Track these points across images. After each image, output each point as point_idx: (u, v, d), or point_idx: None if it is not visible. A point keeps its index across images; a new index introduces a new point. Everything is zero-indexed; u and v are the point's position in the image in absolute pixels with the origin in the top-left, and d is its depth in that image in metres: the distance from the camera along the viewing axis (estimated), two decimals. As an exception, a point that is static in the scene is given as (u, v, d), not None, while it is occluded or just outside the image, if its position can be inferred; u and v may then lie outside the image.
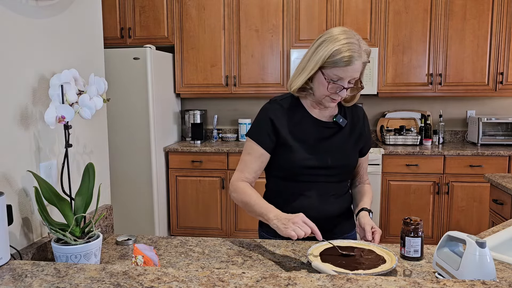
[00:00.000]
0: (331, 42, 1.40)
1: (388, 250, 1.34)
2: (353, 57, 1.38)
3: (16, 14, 1.22)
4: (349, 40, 1.39)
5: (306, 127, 1.54)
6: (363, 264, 1.26)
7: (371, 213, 1.54)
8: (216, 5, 3.98)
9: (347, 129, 1.57)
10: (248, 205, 1.46)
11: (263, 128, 1.53)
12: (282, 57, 3.98)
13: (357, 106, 1.63)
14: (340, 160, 1.54)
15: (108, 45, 3.71)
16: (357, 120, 1.60)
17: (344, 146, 1.55)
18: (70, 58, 1.45)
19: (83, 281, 0.95)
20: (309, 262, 1.27)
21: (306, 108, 1.56)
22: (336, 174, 1.55)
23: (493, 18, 3.73)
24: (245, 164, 1.53)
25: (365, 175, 1.70)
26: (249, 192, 1.47)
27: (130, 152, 3.72)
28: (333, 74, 1.41)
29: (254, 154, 1.52)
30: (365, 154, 1.66)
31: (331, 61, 1.39)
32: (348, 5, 3.84)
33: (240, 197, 1.48)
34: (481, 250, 1.06)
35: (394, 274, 1.25)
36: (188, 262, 1.35)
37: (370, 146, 1.67)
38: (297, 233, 1.27)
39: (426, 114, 4.07)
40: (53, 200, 1.21)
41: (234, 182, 1.52)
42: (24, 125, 1.24)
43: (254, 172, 1.53)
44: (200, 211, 3.93)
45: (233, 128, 4.47)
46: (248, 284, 0.92)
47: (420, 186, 3.68)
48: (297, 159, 1.50)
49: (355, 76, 1.42)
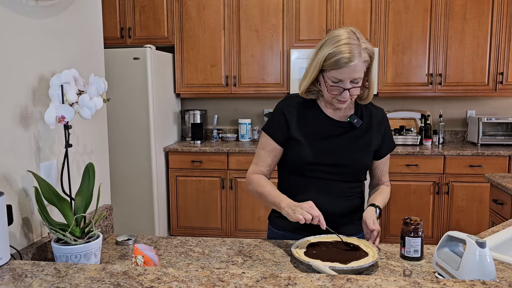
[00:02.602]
0: (327, 45, 1.41)
1: (373, 246, 1.37)
2: (348, 58, 1.37)
3: (16, 14, 1.22)
4: (346, 41, 1.39)
5: (317, 124, 1.55)
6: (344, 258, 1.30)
7: (378, 209, 1.52)
8: (216, 5, 3.98)
9: (361, 130, 1.56)
10: (263, 196, 1.52)
11: (276, 122, 1.57)
12: (282, 57, 3.98)
13: (377, 108, 1.62)
14: (347, 159, 1.53)
15: (108, 45, 3.71)
16: (374, 122, 1.58)
17: (354, 146, 1.54)
18: (70, 58, 1.45)
19: (83, 281, 0.95)
20: (294, 256, 1.33)
21: (320, 107, 1.57)
22: (343, 173, 1.55)
23: (493, 18, 3.72)
24: (260, 158, 1.59)
25: (384, 177, 1.68)
26: (263, 183, 1.54)
27: (130, 152, 3.72)
28: (331, 76, 1.42)
29: (267, 148, 1.58)
30: (382, 157, 1.63)
31: (327, 64, 1.41)
32: (348, 5, 3.84)
33: (255, 188, 1.55)
34: (481, 250, 1.06)
35: (374, 269, 1.25)
36: (188, 262, 1.35)
37: (390, 149, 1.64)
38: (304, 217, 1.34)
39: (426, 114, 4.07)
40: (53, 200, 1.21)
41: (250, 175, 1.59)
42: (24, 125, 1.24)
43: (268, 166, 1.59)
44: (200, 211, 3.93)
45: (233, 128, 4.47)
46: (248, 284, 0.92)
47: (420, 186, 3.68)
48: (303, 154, 1.52)
49: (354, 76, 1.41)
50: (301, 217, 1.34)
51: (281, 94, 4.04)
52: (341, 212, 1.57)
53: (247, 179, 1.60)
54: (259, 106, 4.42)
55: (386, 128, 1.62)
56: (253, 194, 1.58)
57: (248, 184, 1.59)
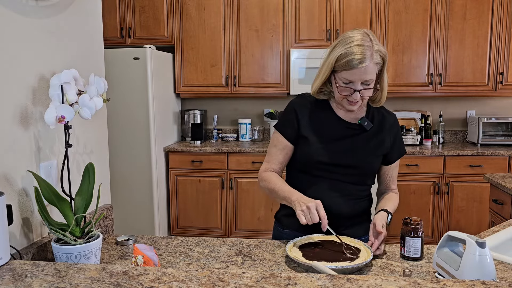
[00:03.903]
0: (340, 46, 1.42)
1: (368, 247, 1.38)
2: (359, 60, 1.37)
3: (16, 14, 1.22)
4: (358, 42, 1.39)
5: (327, 124, 1.55)
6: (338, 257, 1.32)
7: (390, 215, 1.51)
8: (216, 5, 3.98)
9: (371, 133, 1.55)
10: (274, 192, 1.54)
11: (287, 120, 1.58)
12: (282, 57, 3.98)
13: (389, 113, 1.62)
14: (355, 161, 1.53)
15: (108, 45, 3.71)
16: (384, 126, 1.58)
17: (362, 148, 1.54)
18: (70, 58, 1.45)
19: (83, 281, 0.95)
20: (288, 256, 1.35)
21: (332, 107, 1.57)
22: (350, 174, 1.54)
23: (493, 18, 3.72)
24: (271, 156, 1.61)
25: (393, 184, 1.66)
26: (274, 180, 1.55)
27: (130, 152, 3.72)
28: (342, 77, 1.43)
29: (279, 145, 1.59)
30: (391, 162, 1.62)
31: (339, 64, 1.41)
32: (348, 5, 3.84)
33: (266, 185, 1.57)
34: (481, 250, 1.06)
35: (368, 268, 1.25)
36: (188, 262, 1.35)
37: (399, 155, 1.62)
38: (306, 220, 1.35)
39: (426, 114, 4.07)
40: (53, 200, 1.21)
41: (261, 172, 1.61)
42: (24, 125, 1.24)
43: (280, 163, 1.60)
44: (200, 211, 3.93)
45: (233, 128, 4.47)
46: (248, 284, 0.92)
47: (420, 186, 3.68)
48: (310, 152, 1.53)
49: (365, 78, 1.41)
50: (303, 218, 1.35)
51: (281, 94, 4.04)
52: (348, 214, 1.56)
53: (259, 177, 1.62)
54: (259, 106, 4.43)
55: (397, 134, 1.61)
56: (265, 191, 1.60)
57: (260, 181, 1.61)
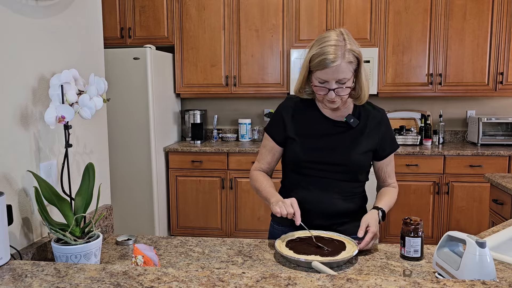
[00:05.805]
0: (314, 47, 1.46)
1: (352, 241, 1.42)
2: (331, 59, 1.39)
3: (16, 14, 1.22)
4: (331, 42, 1.41)
5: (313, 123, 1.58)
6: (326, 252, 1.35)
7: (381, 211, 1.51)
8: (216, 5, 3.98)
9: (357, 130, 1.56)
10: (258, 191, 1.61)
11: (274, 123, 1.64)
12: (282, 57, 3.98)
13: (376, 109, 1.62)
14: (342, 158, 1.54)
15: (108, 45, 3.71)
16: (372, 123, 1.58)
17: (349, 145, 1.55)
18: (70, 58, 1.45)
19: (83, 281, 0.95)
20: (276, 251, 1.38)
21: (318, 106, 1.60)
22: (340, 172, 1.55)
23: (493, 18, 3.72)
24: (261, 156, 1.68)
25: (389, 178, 1.66)
26: (261, 180, 1.62)
27: (130, 152, 3.72)
28: (318, 77, 1.46)
29: (267, 147, 1.66)
30: (383, 157, 1.62)
31: (313, 64, 1.45)
32: (348, 5, 3.84)
33: (253, 184, 1.64)
34: (481, 250, 1.06)
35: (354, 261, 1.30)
36: (188, 262, 1.35)
37: (391, 150, 1.62)
38: (280, 211, 1.42)
39: (426, 114, 4.07)
40: (53, 200, 1.21)
41: (252, 171, 1.69)
42: (24, 125, 1.24)
43: (268, 163, 1.66)
44: (200, 211, 3.93)
45: (233, 128, 4.47)
46: (248, 284, 0.92)
47: (420, 186, 3.68)
48: (299, 152, 1.56)
49: (339, 77, 1.42)
50: (278, 210, 1.41)
51: (281, 94, 4.04)
52: (341, 211, 1.57)
53: (250, 174, 1.69)
54: (259, 106, 4.43)
55: (386, 129, 1.61)
56: (253, 189, 1.66)
57: (250, 179, 1.68)
